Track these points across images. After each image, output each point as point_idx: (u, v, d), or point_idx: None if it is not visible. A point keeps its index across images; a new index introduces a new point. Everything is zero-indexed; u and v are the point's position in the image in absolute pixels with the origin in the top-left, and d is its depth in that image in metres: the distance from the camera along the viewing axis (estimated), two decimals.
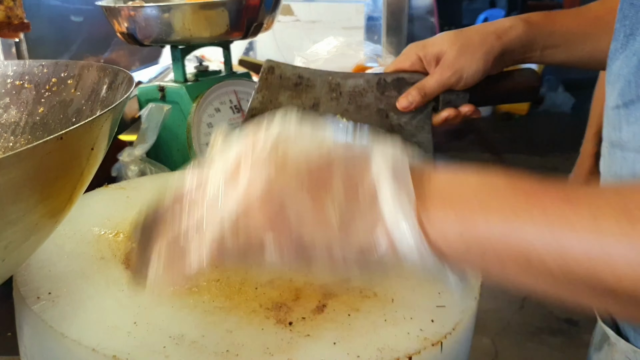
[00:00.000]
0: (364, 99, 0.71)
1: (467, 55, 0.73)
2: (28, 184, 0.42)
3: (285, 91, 0.68)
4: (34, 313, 0.56)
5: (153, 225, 0.46)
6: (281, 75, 0.67)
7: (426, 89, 0.73)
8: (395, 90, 0.73)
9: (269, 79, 0.67)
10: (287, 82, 0.68)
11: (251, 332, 0.55)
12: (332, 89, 0.69)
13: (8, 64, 0.79)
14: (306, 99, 0.68)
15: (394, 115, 0.73)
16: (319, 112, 0.68)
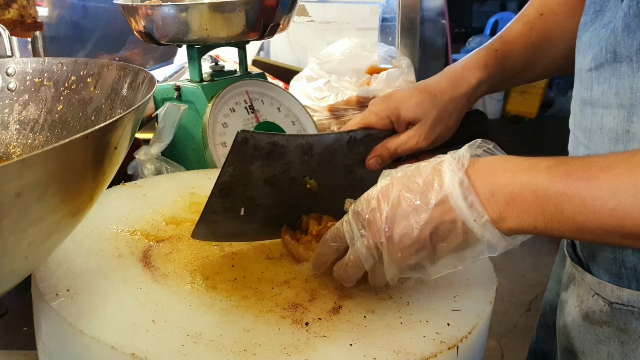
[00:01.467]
0: (333, 158, 0.72)
1: (441, 125, 0.75)
2: (53, 183, 0.42)
3: (257, 161, 0.66)
4: (53, 310, 0.57)
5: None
6: (254, 145, 0.65)
7: (398, 153, 0.75)
8: (362, 146, 0.75)
9: (242, 151, 0.64)
10: (260, 152, 0.65)
11: (268, 332, 0.55)
12: (304, 152, 0.69)
13: (27, 61, 0.79)
14: (277, 165, 0.67)
15: (357, 170, 0.75)
16: (289, 176, 0.68)
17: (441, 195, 0.53)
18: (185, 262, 0.66)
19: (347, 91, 1.39)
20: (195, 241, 0.71)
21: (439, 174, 0.54)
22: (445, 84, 0.76)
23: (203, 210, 0.65)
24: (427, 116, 0.74)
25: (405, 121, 0.75)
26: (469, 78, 0.76)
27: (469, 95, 0.76)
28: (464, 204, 0.52)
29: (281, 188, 0.68)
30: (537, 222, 0.51)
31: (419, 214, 0.53)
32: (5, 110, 0.78)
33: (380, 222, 0.55)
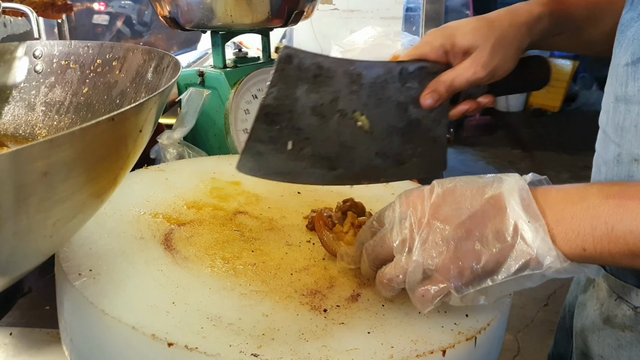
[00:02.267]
0: (384, 92, 0.66)
1: (501, 54, 0.69)
2: (79, 163, 0.42)
3: (303, 84, 0.61)
4: (76, 289, 0.57)
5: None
6: (299, 65, 0.60)
7: (455, 86, 0.69)
8: (416, 81, 0.69)
9: (286, 70, 0.60)
10: (305, 73, 0.61)
11: (286, 317, 0.56)
12: (353, 81, 0.64)
13: (54, 43, 0.80)
14: (325, 93, 0.62)
15: (413, 109, 0.69)
16: (338, 107, 0.64)
17: (497, 192, 0.51)
18: (206, 246, 0.67)
19: None
20: (216, 225, 0.72)
21: (500, 179, 0.52)
22: (504, 12, 0.71)
23: (247, 138, 0.60)
24: (485, 42, 0.68)
25: (462, 49, 0.69)
26: (529, 8, 0.71)
27: (531, 25, 0.70)
28: (520, 205, 0.50)
29: (330, 121, 0.63)
30: (586, 242, 0.48)
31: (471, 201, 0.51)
32: (32, 92, 0.79)
33: (425, 203, 0.53)
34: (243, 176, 0.87)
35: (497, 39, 0.68)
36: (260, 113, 0.60)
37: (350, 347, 0.52)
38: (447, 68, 0.70)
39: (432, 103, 0.68)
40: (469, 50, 0.68)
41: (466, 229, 0.51)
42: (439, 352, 0.53)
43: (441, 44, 0.69)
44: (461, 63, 0.69)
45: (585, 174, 4.10)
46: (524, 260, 0.49)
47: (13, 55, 0.80)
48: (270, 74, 0.59)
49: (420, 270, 0.52)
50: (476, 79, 0.68)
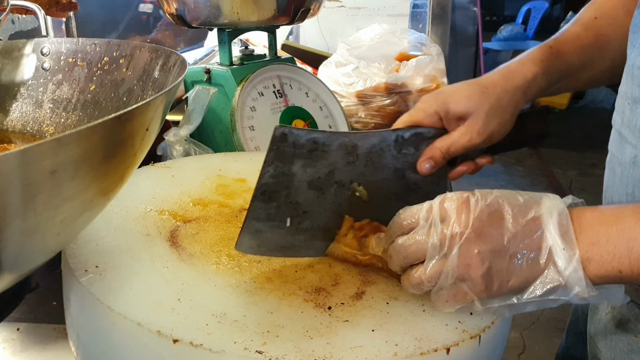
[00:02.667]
0: (380, 160, 0.66)
1: (496, 119, 0.69)
2: (86, 162, 0.43)
3: (299, 160, 0.61)
4: (82, 285, 0.58)
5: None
6: (294, 142, 0.60)
7: (451, 153, 0.69)
8: (412, 147, 0.69)
9: (281, 148, 0.60)
10: (300, 149, 0.61)
11: (291, 314, 0.56)
12: (349, 152, 0.64)
13: (61, 41, 0.81)
14: (321, 166, 0.62)
15: (410, 174, 0.69)
16: (335, 179, 0.64)
17: (537, 214, 0.51)
18: (212, 243, 0.67)
19: (376, 78, 1.39)
20: (222, 222, 0.72)
21: (540, 200, 0.53)
22: (498, 77, 0.72)
23: (246, 217, 0.61)
24: (479, 109, 0.69)
25: (455, 116, 0.69)
26: (523, 71, 0.72)
27: (525, 88, 0.71)
28: (557, 230, 0.50)
29: (328, 193, 0.64)
30: (622, 264, 0.49)
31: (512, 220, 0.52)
32: (40, 89, 0.80)
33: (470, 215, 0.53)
34: (249, 173, 0.88)
35: (491, 105, 0.69)
36: (257, 192, 0.60)
37: (355, 345, 0.52)
38: (443, 132, 0.70)
39: (430, 170, 0.68)
40: (463, 116, 0.69)
41: (504, 249, 0.52)
42: (443, 350, 0.53)
43: (435, 110, 0.69)
44: (456, 129, 0.70)
45: (592, 172, 4.09)
46: (552, 286, 0.51)
47: (21, 52, 0.81)
48: (267, 152, 0.60)
49: (452, 278, 0.53)
50: (472, 145, 0.69)
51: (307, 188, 0.62)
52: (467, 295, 0.53)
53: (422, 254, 0.55)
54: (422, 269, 0.54)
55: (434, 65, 1.38)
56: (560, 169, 4.20)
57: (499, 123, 0.70)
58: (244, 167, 0.90)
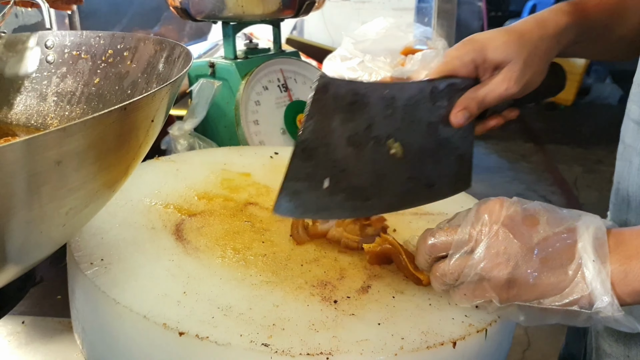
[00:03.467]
0: (416, 113, 0.64)
1: (533, 67, 0.67)
2: (91, 152, 0.43)
3: (339, 114, 0.59)
4: (87, 278, 0.58)
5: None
6: (335, 94, 0.58)
7: (486, 103, 0.66)
8: (446, 99, 0.66)
9: (322, 100, 0.58)
10: (341, 101, 0.59)
11: (297, 308, 0.56)
12: (387, 105, 0.62)
13: (66, 34, 0.81)
14: (360, 120, 0.61)
15: (442, 129, 0.67)
16: (373, 134, 0.62)
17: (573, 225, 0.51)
18: (217, 236, 0.67)
19: (381, 72, 1.38)
20: (227, 216, 0.72)
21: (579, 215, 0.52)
22: (532, 24, 0.68)
23: (284, 178, 0.57)
24: (518, 56, 0.65)
25: (493, 64, 0.66)
26: (556, 20, 0.68)
27: (559, 37, 0.68)
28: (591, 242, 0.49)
29: (365, 150, 0.61)
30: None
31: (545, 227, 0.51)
32: (44, 83, 0.79)
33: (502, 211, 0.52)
34: (253, 168, 0.87)
35: (529, 53, 0.66)
36: (297, 149, 0.58)
37: (361, 338, 0.52)
38: (475, 83, 0.67)
39: (464, 121, 0.65)
40: (500, 64, 0.66)
41: (532, 250, 0.50)
42: (450, 343, 0.53)
43: (472, 58, 0.66)
44: (492, 78, 0.67)
45: (598, 168, 4.07)
46: (576, 297, 0.49)
47: (25, 45, 0.81)
48: (307, 104, 0.57)
49: (474, 274, 0.52)
50: (508, 95, 0.67)
51: (345, 145, 0.61)
52: (486, 292, 0.52)
53: (448, 247, 0.54)
54: (447, 261, 0.54)
55: (439, 59, 1.37)
56: (565, 165, 4.19)
57: (535, 71, 0.67)
58: (248, 162, 0.90)
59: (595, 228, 0.50)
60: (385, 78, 1.35)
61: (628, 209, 0.69)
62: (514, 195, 0.56)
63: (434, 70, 0.68)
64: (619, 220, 0.71)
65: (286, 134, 1.05)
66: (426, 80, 0.66)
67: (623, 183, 0.69)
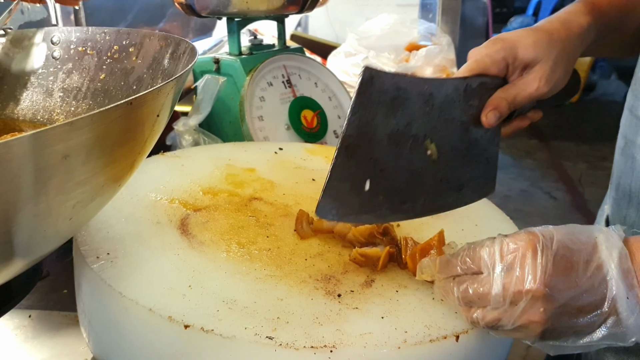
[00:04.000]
0: (450, 112, 0.63)
1: (562, 67, 0.66)
2: (98, 146, 0.43)
3: (382, 109, 0.57)
4: (94, 272, 0.58)
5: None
6: (380, 87, 0.57)
7: (517, 102, 0.66)
8: (477, 99, 0.65)
9: (367, 93, 0.56)
10: (384, 96, 0.57)
11: (301, 301, 0.56)
12: (426, 101, 0.61)
13: (71, 30, 0.81)
14: (401, 117, 0.59)
15: (473, 129, 0.66)
16: (412, 132, 0.61)
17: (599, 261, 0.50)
18: (222, 231, 0.68)
19: (385, 67, 1.38)
20: (232, 211, 0.72)
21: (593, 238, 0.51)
22: (557, 24, 0.68)
23: (328, 178, 0.56)
24: (548, 56, 0.65)
25: (523, 62, 0.66)
26: (579, 20, 0.68)
27: (583, 37, 0.68)
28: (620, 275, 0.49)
29: (404, 149, 0.60)
30: None
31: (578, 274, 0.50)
32: (50, 78, 0.80)
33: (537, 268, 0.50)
34: (258, 163, 0.88)
35: (558, 52, 0.66)
36: (341, 146, 0.56)
37: (364, 332, 0.52)
38: (503, 83, 0.67)
39: (495, 121, 0.64)
40: (530, 64, 0.66)
41: (570, 305, 0.50)
42: (452, 337, 0.53)
43: (503, 57, 0.66)
44: (522, 78, 0.66)
45: (602, 165, 4.06)
46: (610, 334, 0.50)
47: (31, 41, 0.81)
48: (352, 98, 0.56)
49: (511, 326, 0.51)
50: (538, 95, 0.66)
51: (386, 142, 0.59)
52: (521, 335, 0.52)
53: (485, 299, 0.52)
54: (481, 313, 0.52)
55: (444, 55, 1.37)
56: (570, 162, 4.17)
57: (564, 71, 0.67)
58: (253, 157, 0.90)
59: (619, 256, 0.50)
60: None
61: (629, 205, 0.69)
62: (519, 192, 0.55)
63: (465, 68, 0.67)
64: (619, 215, 0.71)
65: (290, 129, 1.05)
66: (461, 77, 0.65)
67: (624, 178, 0.69)
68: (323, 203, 0.56)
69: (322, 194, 0.56)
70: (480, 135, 0.66)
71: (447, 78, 0.66)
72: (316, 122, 1.08)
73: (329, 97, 1.12)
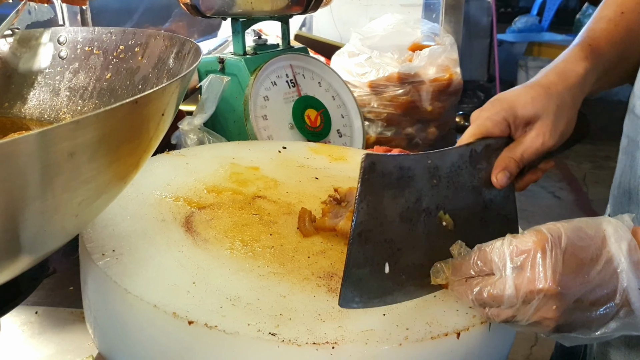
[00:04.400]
0: (459, 179, 0.64)
1: (564, 118, 0.67)
2: (103, 145, 0.44)
3: (388, 190, 0.59)
4: (99, 269, 0.59)
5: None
6: (383, 171, 0.59)
7: (525, 159, 0.67)
8: (484, 161, 0.66)
9: (371, 179, 0.58)
10: (388, 178, 0.59)
11: (303, 298, 0.57)
12: (432, 175, 0.62)
13: (78, 30, 0.82)
14: (409, 194, 0.61)
15: (485, 191, 0.66)
16: (422, 206, 0.62)
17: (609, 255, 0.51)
18: (225, 228, 0.68)
19: (389, 67, 1.39)
20: (235, 209, 0.73)
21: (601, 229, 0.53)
22: (553, 77, 0.69)
23: (345, 266, 0.56)
24: (547, 110, 0.66)
25: (524, 120, 0.67)
26: (576, 69, 0.69)
27: (581, 85, 0.69)
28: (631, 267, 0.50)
29: (418, 225, 0.61)
30: None
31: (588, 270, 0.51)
32: (57, 78, 0.81)
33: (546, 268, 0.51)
34: (262, 162, 0.88)
35: (557, 105, 0.67)
36: (354, 233, 0.57)
37: (366, 328, 0.53)
38: (509, 141, 0.68)
39: (506, 180, 0.65)
40: (531, 120, 0.67)
41: (582, 301, 0.51)
42: (454, 334, 0.54)
43: (503, 117, 0.67)
44: (526, 135, 0.67)
45: (607, 164, 4.05)
46: (623, 325, 0.51)
47: (38, 41, 0.82)
48: (357, 186, 0.58)
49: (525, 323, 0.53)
50: (545, 149, 0.67)
51: (399, 222, 0.60)
52: (535, 330, 0.54)
53: (499, 300, 0.53)
54: (496, 311, 0.53)
55: (447, 55, 1.38)
56: (574, 162, 4.17)
57: (566, 122, 0.68)
58: (256, 156, 0.91)
59: (629, 247, 0.51)
60: (392, 74, 1.36)
61: (629, 202, 0.69)
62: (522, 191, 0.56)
63: (468, 134, 0.68)
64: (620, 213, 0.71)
65: (294, 128, 1.06)
66: (464, 145, 0.66)
67: (625, 176, 0.69)
68: (345, 292, 0.56)
69: (342, 283, 0.56)
70: (494, 195, 0.67)
71: (450, 148, 0.65)
72: (320, 121, 1.09)
73: (332, 97, 1.13)
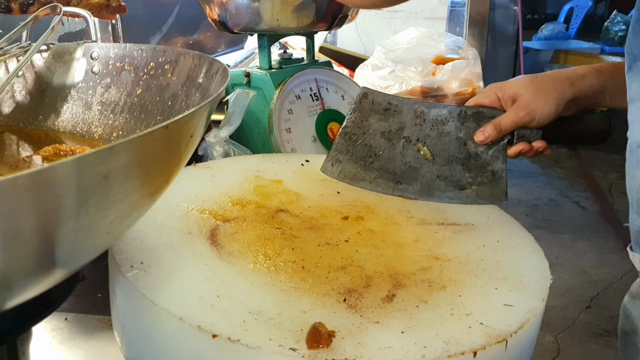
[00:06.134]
0: (445, 127, 0.80)
1: (540, 98, 0.81)
2: (135, 167, 0.46)
3: (375, 114, 0.79)
4: (128, 280, 0.61)
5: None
6: (373, 100, 0.79)
7: (502, 126, 0.82)
8: (474, 122, 0.82)
9: (362, 104, 0.79)
10: (377, 107, 0.79)
11: (323, 314, 0.58)
12: (417, 116, 0.80)
13: (110, 46, 0.85)
14: (393, 122, 0.79)
15: (471, 144, 0.82)
16: (404, 134, 0.79)
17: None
18: (249, 242, 0.70)
19: (412, 81, 1.40)
20: (259, 223, 0.75)
21: None
22: (550, 72, 0.84)
23: (332, 149, 0.82)
24: (526, 89, 0.82)
25: (509, 96, 0.83)
26: (572, 69, 0.83)
27: (573, 79, 0.82)
28: None
29: (396, 145, 0.80)
30: None
31: None
32: (89, 92, 0.84)
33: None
34: (285, 175, 0.90)
35: (536, 87, 0.82)
36: (341, 132, 0.81)
37: (384, 346, 0.54)
38: (501, 114, 0.83)
39: (483, 139, 0.83)
40: (515, 96, 0.83)
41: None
42: (470, 353, 0.55)
43: (493, 91, 0.84)
44: (509, 109, 0.83)
45: None
46: None
47: (72, 56, 0.85)
48: (350, 106, 0.80)
49: None
50: (519, 119, 0.82)
51: (379, 137, 0.80)
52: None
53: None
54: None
55: (470, 69, 1.39)
56: (600, 172, 4.11)
57: (541, 102, 0.81)
58: (280, 169, 0.93)
59: None
60: (415, 88, 1.37)
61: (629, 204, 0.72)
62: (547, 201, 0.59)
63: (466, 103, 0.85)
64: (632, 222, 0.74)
65: (317, 141, 1.08)
66: (455, 105, 0.83)
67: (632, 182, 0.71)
68: (326, 165, 0.82)
69: (326, 158, 0.82)
70: (481, 150, 0.83)
71: (442, 104, 0.87)
72: None
73: None
